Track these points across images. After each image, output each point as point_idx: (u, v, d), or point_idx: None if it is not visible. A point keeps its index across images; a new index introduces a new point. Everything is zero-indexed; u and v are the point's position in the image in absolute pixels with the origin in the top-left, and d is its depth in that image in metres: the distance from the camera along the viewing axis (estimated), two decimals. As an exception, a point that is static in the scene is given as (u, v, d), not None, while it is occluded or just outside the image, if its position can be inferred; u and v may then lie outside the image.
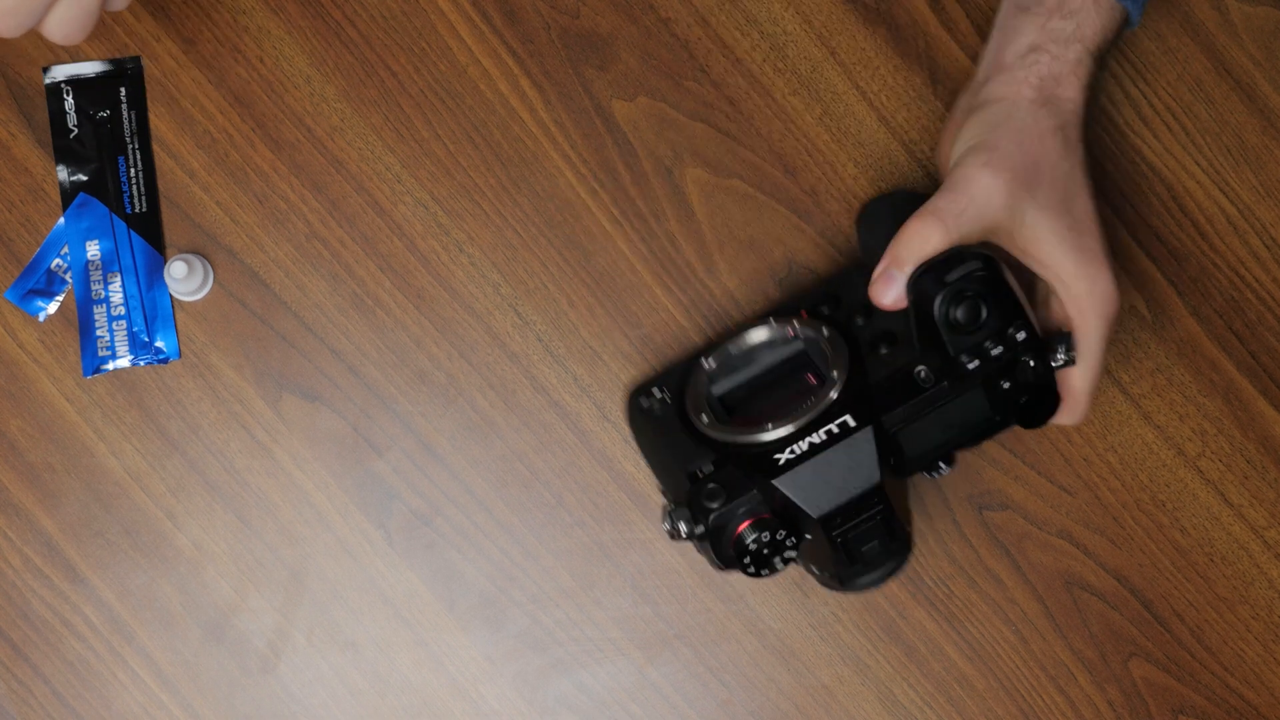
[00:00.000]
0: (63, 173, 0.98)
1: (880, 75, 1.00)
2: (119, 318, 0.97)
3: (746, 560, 0.85)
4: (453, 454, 0.98)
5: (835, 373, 0.87)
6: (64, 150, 0.98)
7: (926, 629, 0.98)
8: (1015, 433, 0.99)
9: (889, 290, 0.86)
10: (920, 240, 0.86)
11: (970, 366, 0.86)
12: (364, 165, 0.99)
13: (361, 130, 0.99)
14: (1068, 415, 0.90)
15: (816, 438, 0.85)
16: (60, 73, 0.98)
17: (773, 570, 0.86)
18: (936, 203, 0.86)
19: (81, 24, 0.82)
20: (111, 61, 0.98)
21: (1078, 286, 0.88)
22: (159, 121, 0.98)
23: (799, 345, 0.91)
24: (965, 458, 0.99)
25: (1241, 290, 1.00)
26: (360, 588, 0.97)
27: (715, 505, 0.85)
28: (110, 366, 0.97)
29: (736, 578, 0.98)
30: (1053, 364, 0.88)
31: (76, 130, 0.98)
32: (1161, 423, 0.99)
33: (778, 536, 0.85)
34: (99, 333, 0.97)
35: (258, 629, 0.97)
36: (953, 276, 0.85)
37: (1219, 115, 1.00)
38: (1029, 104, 0.89)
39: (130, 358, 0.97)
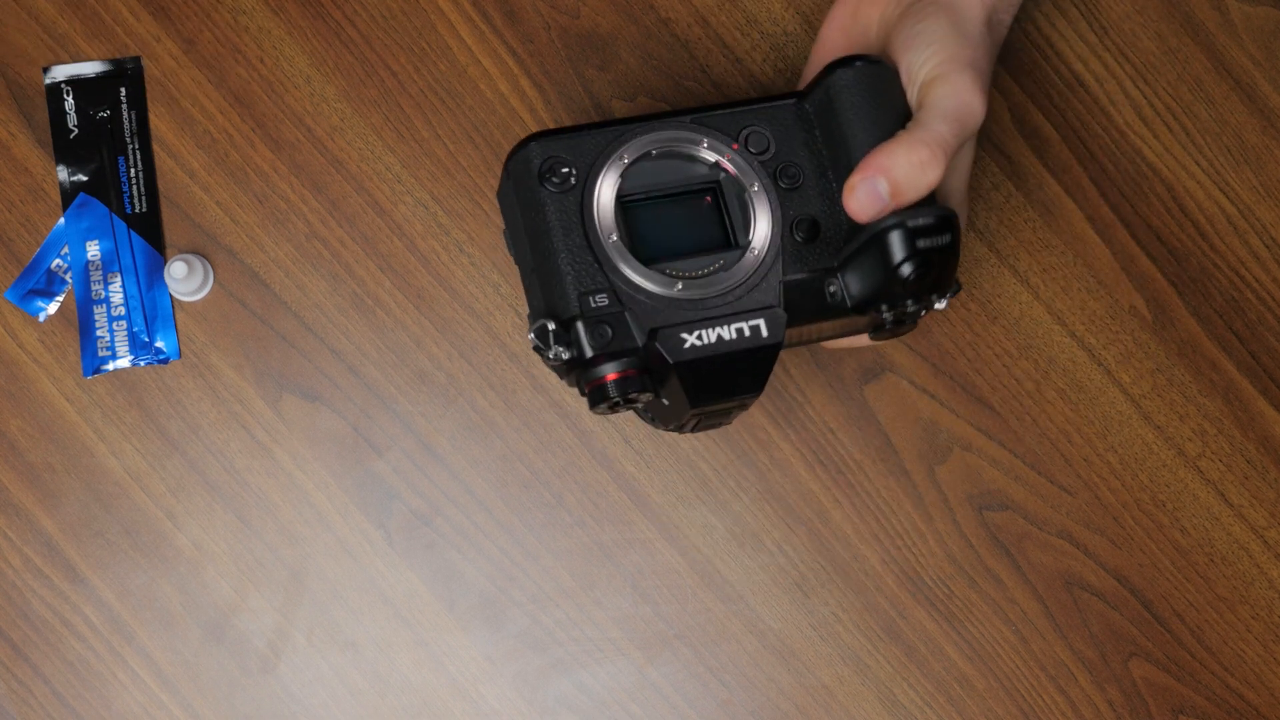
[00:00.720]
0: (63, 173, 0.98)
1: (880, 75, 1.00)
2: (119, 318, 0.98)
3: (598, 402, 0.82)
4: (453, 454, 0.98)
5: (755, 248, 0.83)
6: (64, 150, 0.98)
7: (926, 629, 0.98)
8: (1015, 432, 0.99)
9: (871, 208, 0.82)
10: (920, 172, 0.81)
11: (885, 316, 0.84)
12: (364, 165, 0.99)
13: (361, 130, 0.99)
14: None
15: (726, 332, 0.82)
16: (60, 73, 0.98)
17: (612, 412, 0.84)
18: (941, 131, 0.82)
19: None
20: (111, 61, 0.98)
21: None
22: (159, 121, 0.98)
23: (719, 177, 0.84)
24: (965, 457, 0.99)
25: (1241, 290, 1.00)
26: (360, 588, 0.97)
27: (598, 347, 0.81)
28: (110, 366, 0.97)
29: (737, 578, 0.98)
30: (936, 306, 0.85)
31: (76, 130, 0.98)
32: (1161, 423, 0.99)
33: (642, 395, 0.82)
34: (99, 333, 0.97)
35: (258, 629, 0.97)
36: (924, 244, 0.81)
37: (1219, 115, 1.00)
38: (981, 21, 0.87)
39: (130, 358, 0.97)
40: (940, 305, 0.85)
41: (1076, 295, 1.00)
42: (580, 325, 0.81)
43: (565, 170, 0.82)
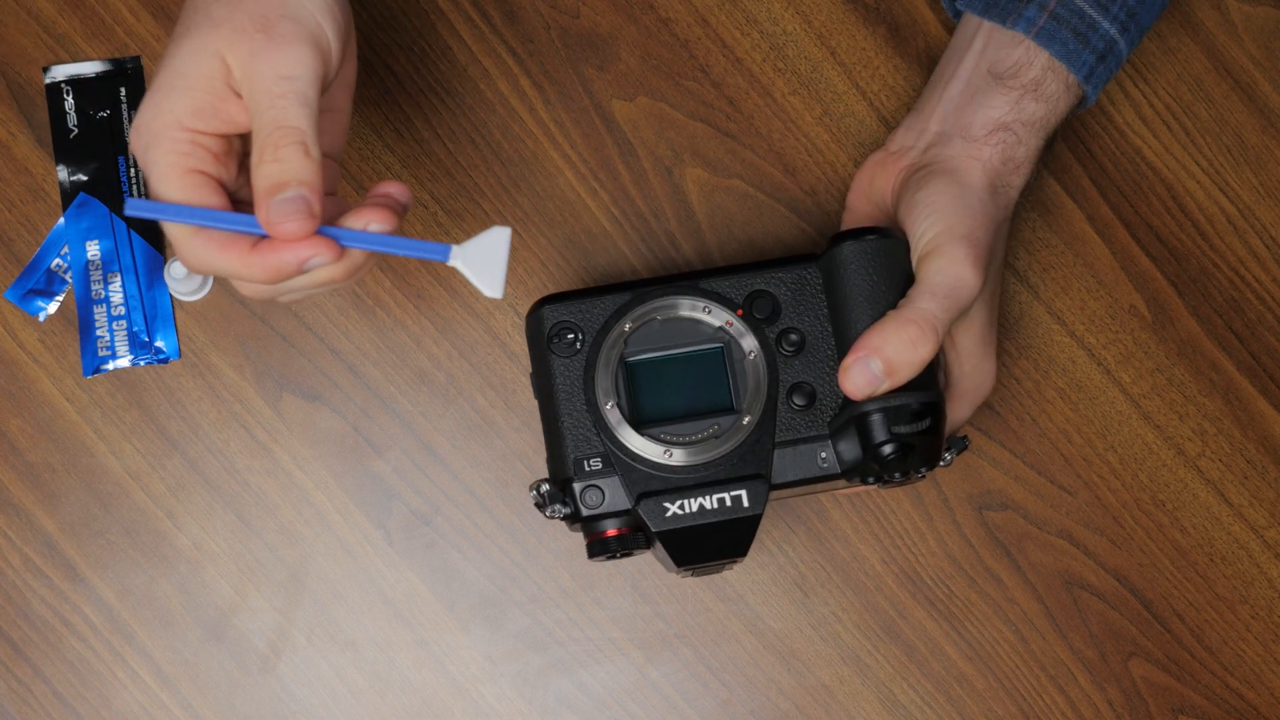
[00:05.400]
0: (63, 173, 0.98)
1: (880, 75, 1.00)
2: (119, 317, 0.98)
3: (596, 554, 0.87)
4: (453, 454, 0.98)
5: (747, 418, 0.86)
6: (64, 150, 0.98)
7: (926, 629, 0.98)
8: (1015, 432, 0.99)
9: (866, 387, 0.84)
10: (911, 349, 0.83)
11: (870, 483, 0.87)
12: (364, 165, 0.99)
13: (361, 130, 0.99)
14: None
15: (708, 502, 0.85)
16: (60, 73, 0.98)
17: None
18: (931, 310, 0.84)
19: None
20: (111, 61, 0.98)
21: (973, 378, 0.90)
22: (159, 121, 0.98)
23: (723, 341, 0.87)
24: (965, 458, 0.99)
25: (1241, 290, 1.00)
26: (360, 588, 0.97)
27: (591, 508, 0.86)
28: (110, 366, 0.97)
29: (737, 578, 0.98)
30: (940, 463, 0.88)
31: (76, 130, 0.98)
32: (1161, 423, 0.99)
33: (635, 550, 0.87)
34: (99, 332, 0.97)
35: (258, 629, 0.97)
36: (902, 430, 0.84)
37: (1219, 115, 1.00)
38: (985, 188, 0.88)
39: (130, 358, 0.98)
40: (946, 461, 0.89)
41: (1076, 295, 1.00)
42: (575, 487, 0.86)
43: (571, 336, 0.87)
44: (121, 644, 0.97)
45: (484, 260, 0.78)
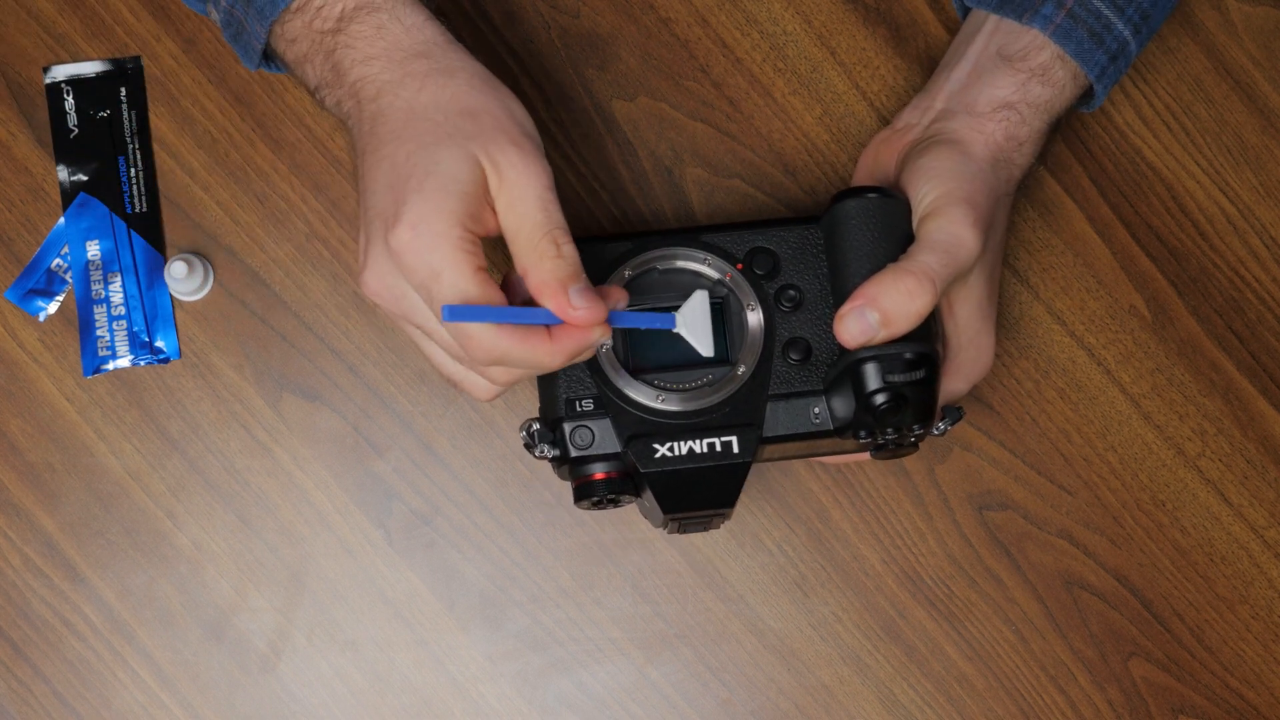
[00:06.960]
0: (63, 173, 0.98)
1: (880, 75, 1.00)
2: (119, 317, 0.98)
3: (581, 499, 0.86)
4: (453, 454, 0.98)
5: (742, 368, 0.86)
6: (64, 150, 0.98)
7: (926, 629, 0.98)
8: (1015, 432, 0.99)
9: (860, 336, 0.84)
10: (907, 300, 0.83)
11: (861, 439, 0.86)
12: (364, 165, 0.98)
13: (361, 130, 0.99)
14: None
15: (698, 446, 0.85)
16: (60, 73, 0.98)
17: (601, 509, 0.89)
18: (929, 263, 0.84)
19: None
20: (111, 61, 0.98)
21: (969, 351, 0.89)
22: (159, 121, 0.98)
23: (722, 294, 0.87)
24: (965, 457, 0.99)
25: (1241, 290, 1.00)
26: (360, 588, 0.97)
27: (580, 448, 0.86)
28: (110, 366, 0.97)
29: (737, 578, 0.98)
30: (933, 432, 0.88)
31: (76, 130, 0.98)
32: (1161, 423, 0.99)
33: (621, 497, 0.86)
34: (99, 332, 0.97)
35: (258, 629, 0.97)
36: (896, 379, 0.84)
37: (1219, 115, 1.00)
38: (987, 160, 0.88)
39: (130, 357, 0.98)
40: (940, 430, 0.88)
41: (1076, 295, 1.00)
42: (565, 427, 0.86)
43: None
44: (121, 644, 0.97)
45: (697, 323, 0.84)
